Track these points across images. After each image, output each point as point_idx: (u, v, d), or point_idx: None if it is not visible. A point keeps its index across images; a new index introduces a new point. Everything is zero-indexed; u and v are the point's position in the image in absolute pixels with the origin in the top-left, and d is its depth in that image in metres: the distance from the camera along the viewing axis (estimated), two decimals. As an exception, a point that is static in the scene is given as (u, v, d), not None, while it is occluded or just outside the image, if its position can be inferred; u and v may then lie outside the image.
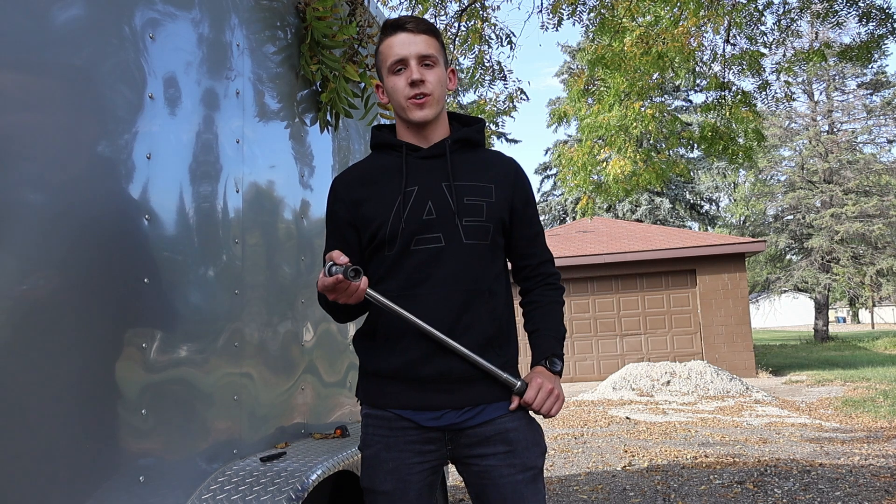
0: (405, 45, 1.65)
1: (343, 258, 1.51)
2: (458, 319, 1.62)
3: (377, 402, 1.68)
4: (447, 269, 1.63)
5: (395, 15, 7.47)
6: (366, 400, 1.72)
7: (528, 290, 1.80)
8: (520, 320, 1.71)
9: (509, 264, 1.81)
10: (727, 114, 7.56)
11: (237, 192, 1.99)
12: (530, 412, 1.69)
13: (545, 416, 1.65)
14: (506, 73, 7.28)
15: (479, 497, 1.67)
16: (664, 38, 6.83)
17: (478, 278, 1.65)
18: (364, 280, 1.52)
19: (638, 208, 30.85)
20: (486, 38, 7.11)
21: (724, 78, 7.58)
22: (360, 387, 1.74)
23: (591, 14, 7.09)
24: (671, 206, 31.24)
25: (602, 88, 7.73)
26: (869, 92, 28.26)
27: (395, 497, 1.61)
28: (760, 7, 7.27)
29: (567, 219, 33.11)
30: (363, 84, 2.71)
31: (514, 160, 1.81)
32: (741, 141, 7.84)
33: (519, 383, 1.64)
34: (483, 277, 1.66)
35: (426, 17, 7.18)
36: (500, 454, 1.63)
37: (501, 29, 7.17)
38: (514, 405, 1.64)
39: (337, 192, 1.75)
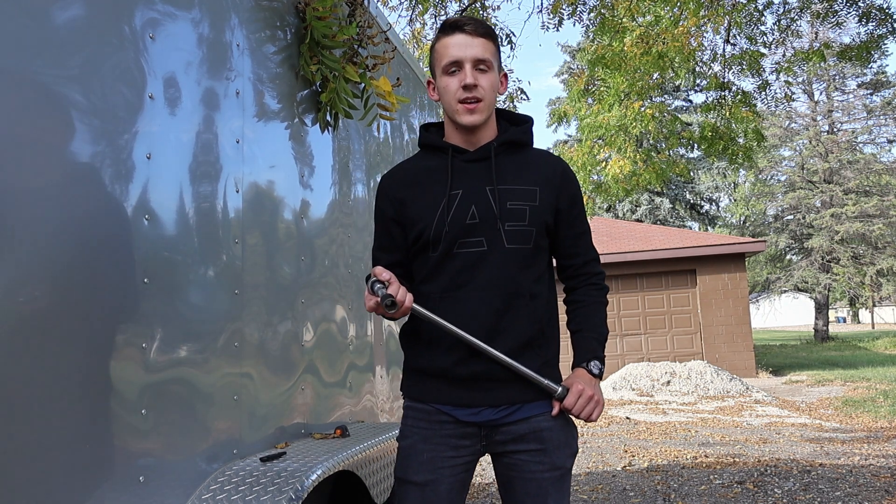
0: (462, 47, 1.66)
1: (385, 274, 1.57)
2: (497, 322, 1.65)
3: (417, 396, 1.73)
4: (488, 272, 1.66)
5: (394, 15, 7.47)
6: (408, 394, 1.77)
7: (573, 290, 1.82)
8: (563, 318, 1.73)
9: (554, 262, 1.83)
10: (727, 114, 7.57)
11: (237, 192, 1.99)
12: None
13: (585, 421, 1.68)
14: (506, 72, 7.29)
15: (505, 487, 1.72)
16: (664, 38, 6.84)
17: (518, 282, 1.67)
18: (409, 297, 1.58)
19: (638, 208, 30.84)
20: (486, 38, 7.10)
21: (724, 78, 7.59)
22: (404, 381, 1.80)
23: (591, 14, 7.09)
24: (671, 206, 31.23)
25: (602, 88, 7.74)
26: (869, 92, 28.27)
27: (426, 489, 1.65)
28: (760, 7, 7.27)
29: (567, 219, 33.00)
30: (363, 84, 2.71)
31: (562, 160, 1.82)
32: (741, 141, 7.85)
33: (560, 389, 1.66)
34: (524, 281, 1.68)
35: (426, 17, 7.18)
36: (531, 451, 1.67)
37: (501, 29, 7.18)
38: (555, 411, 1.67)
39: (384, 190, 1.79)
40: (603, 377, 1.75)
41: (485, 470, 5.61)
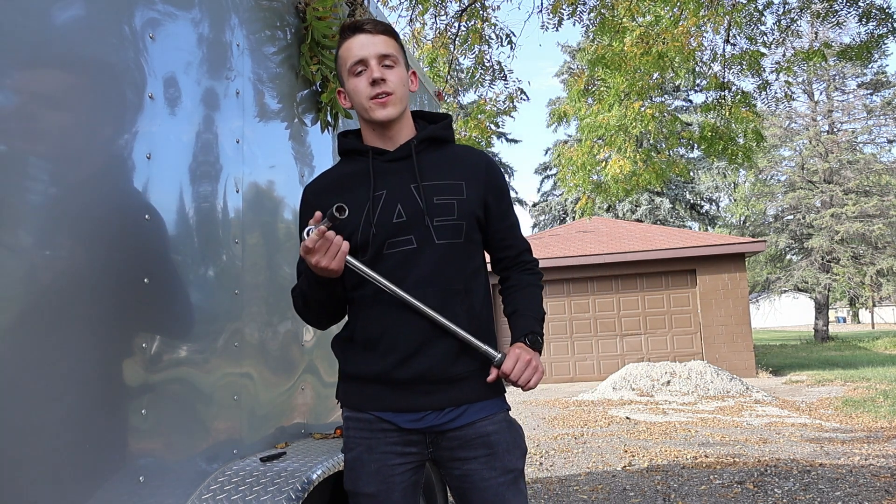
0: (364, 46, 1.64)
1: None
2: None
3: (357, 405, 1.67)
4: (421, 270, 1.62)
5: (394, 15, 7.48)
6: (346, 402, 1.71)
7: (507, 277, 1.80)
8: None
9: (487, 259, 1.80)
10: (727, 114, 7.56)
11: (237, 192, 1.99)
12: (512, 385, 1.66)
13: (523, 388, 1.62)
14: (506, 73, 7.29)
15: (461, 500, 1.67)
16: (664, 38, 6.84)
17: (453, 277, 1.64)
18: (345, 244, 1.52)
19: (638, 208, 30.84)
20: (486, 38, 7.12)
21: (724, 78, 7.59)
22: (340, 389, 1.74)
23: (591, 14, 7.09)
24: (671, 206, 31.24)
25: (602, 88, 7.73)
26: (869, 92, 28.26)
27: (379, 499, 1.61)
28: (760, 7, 7.27)
29: (567, 219, 33.11)
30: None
31: (485, 154, 1.79)
32: (741, 141, 7.84)
33: (499, 356, 1.61)
34: (458, 276, 1.65)
35: (426, 17, 7.19)
36: (481, 458, 1.63)
37: (501, 29, 7.18)
38: (492, 376, 1.62)
39: (308, 200, 1.74)
40: (541, 352, 1.68)
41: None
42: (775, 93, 8.16)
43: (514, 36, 7.19)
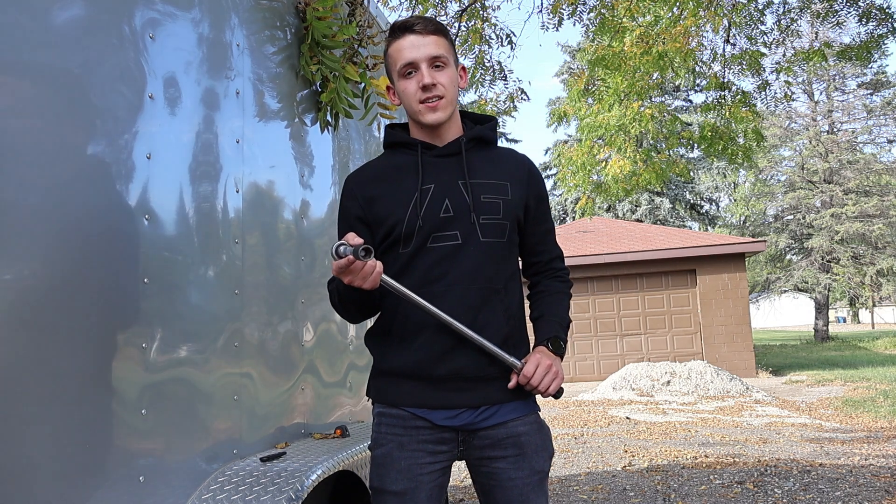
0: (415, 47, 1.64)
1: (357, 239, 1.49)
2: (474, 318, 1.61)
3: (391, 401, 1.67)
4: (463, 267, 1.63)
5: (395, 15, 7.47)
6: (378, 398, 1.71)
7: (537, 283, 1.82)
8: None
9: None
10: (727, 114, 7.55)
11: (237, 192, 1.99)
12: (531, 391, 1.67)
13: (543, 395, 1.64)
14: (506, 73, 7.27)
15: (485, 496, 1.69)
16: (664, 38, 6.83)
17: (493, 277, 1.65)
18: (379, 265, 1.51)
19: (638, 208, 30.84)
20: (487, 38, 7.11)
21: (724, 78, 7.58)
22: (373, 385, 1.73)
23: (591, 14, 7.08)
24: (671, 206, 31.24)
25: (602, 88, 7.72)
26: (869, 92, 28.27)
27: (405, 498, 1.60)
28: (760, 7, 7.27)
29: (567, 219, 33.10)
30: (363, 84, 2.72)
31: (527, 157, 1.81)
32: (741, 141, 7.84)
33: (521, 364, 1.63)
34: (498, 276, 1.66)
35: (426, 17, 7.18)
36: (510, 457, 1.64)
37: (502, 29, 7.17)
38: (512, 383, 1.63)
39: (350, 189, 1.74)
40: (563, 358, 1.70)
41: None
42: (775, 93, 8.17)
43: (515, 36, 7.17)
